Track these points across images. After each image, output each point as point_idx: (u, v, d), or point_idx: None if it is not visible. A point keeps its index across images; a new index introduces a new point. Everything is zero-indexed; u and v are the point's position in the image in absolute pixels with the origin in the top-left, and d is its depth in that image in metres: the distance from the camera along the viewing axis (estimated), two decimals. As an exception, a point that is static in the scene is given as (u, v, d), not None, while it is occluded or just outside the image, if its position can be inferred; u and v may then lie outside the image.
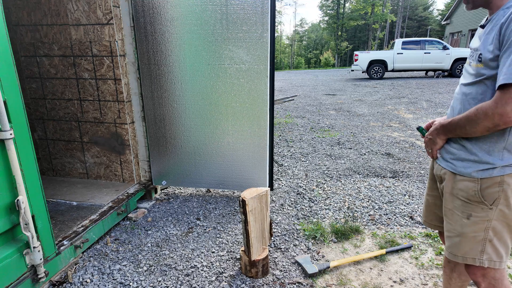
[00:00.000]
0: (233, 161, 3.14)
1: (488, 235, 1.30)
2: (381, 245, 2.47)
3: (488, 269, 1.35)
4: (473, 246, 1.33)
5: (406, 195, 3.37)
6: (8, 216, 1.79)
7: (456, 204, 1.36)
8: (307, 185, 3.69)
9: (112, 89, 3.02)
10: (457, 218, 1.37)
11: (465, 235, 1.34)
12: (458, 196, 1.34)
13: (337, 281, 2.11)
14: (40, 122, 3.29)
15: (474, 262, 1.34)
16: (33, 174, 1.90)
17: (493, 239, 1.30)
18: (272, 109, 3.01)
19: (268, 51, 2.81)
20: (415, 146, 5.07)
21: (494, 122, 1.13)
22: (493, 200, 1.26)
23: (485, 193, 1.27)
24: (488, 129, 1.17)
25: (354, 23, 42.77)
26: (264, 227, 2.18)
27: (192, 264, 2.29)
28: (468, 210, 1.32)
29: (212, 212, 3.07)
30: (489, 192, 1.26)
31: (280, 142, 5.53)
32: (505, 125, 1.12)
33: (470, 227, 1.32)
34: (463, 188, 1.32)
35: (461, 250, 1.37)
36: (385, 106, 8.59)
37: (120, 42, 2.90)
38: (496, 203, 1.26)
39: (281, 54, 50.57)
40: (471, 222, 1.32)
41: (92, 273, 2.22)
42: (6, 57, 1.72)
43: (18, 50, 3.08)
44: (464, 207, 1.33)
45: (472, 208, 1.30)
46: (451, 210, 1.40)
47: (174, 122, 3.11)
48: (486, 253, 1.31)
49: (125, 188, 3.14)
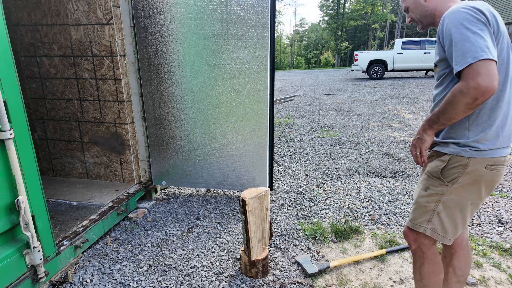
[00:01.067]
0: (233, 161, 3.14)
1: (438, 208, 1.44)
2: (381, 245, 2.47)
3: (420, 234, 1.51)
4: (423, 214, 1.49)
5: (406, 195, 3.36)
6: (8, 216, 1.79)
7: (422, 179, 1.53)
8: (307, 185, 3.69)
9: (112, 89, 3.02)
10: (418, 190, 1.55)
11: (419, 204, 1.50)
12: (425, 171, 1.51)
13: (337, 281, 2.11)
14: (40, 122, 3.29)
15: (419, 229, 1.50)
16: (33, 174, 1.90)
17: (441, 212, 1.44)
18: (272, 109, 3.01)
19: (268, 51, 2.81)
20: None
21: (471, 96, 1.20)
22: (452, 179, 1.39)
23: (448, 172, 1.40)
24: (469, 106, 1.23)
25: (354, 23, 42.78)
26: (264, 227, 2.18)
27: (192, 264, 2.29)
28: (428, 184, 1.48)
29: (212, 212, 3.07)
30: (452, 171, 1.39)
31: (280, 142, 5.53)
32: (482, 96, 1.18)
33: (425, 198, 1.48)
34: (432, 165, 1.47)
35: (412, 216, 1.54)
36: (385, 106, 8.59)
37: (120, 42, 2.90)
38: (454, 181, 1.39)
39: (281, 54, 50.57)
40: (427, 193, 1.48)
41: (92, 273, 2.22)
42: (6, 57, 1.72)
43: (18, 50, 3.08)
44: (426, 180, 1.49)
45: (432, 182, 1.46)
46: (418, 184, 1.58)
47: (174, 122, 3.11)
48: (432, 223, 1.46)
49: (125, 188, 3.14)
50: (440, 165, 1.42)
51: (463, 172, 1.37)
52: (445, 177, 1.41)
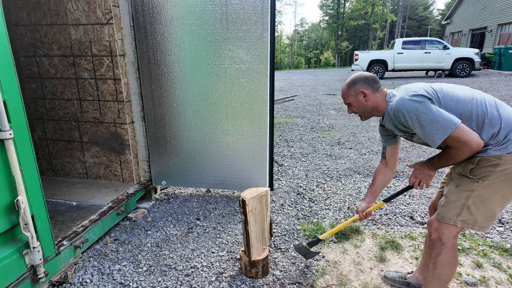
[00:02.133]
0: (233, 161, 3.14)
1: (468, 202, 1.53)
2: (381, 245, 2.47)
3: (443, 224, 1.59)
4: (453, 209, 1.56)
5: (406, 195, 3.36)
6: (8, 216, 1.79)
7: (454, 177, 1.62)
8: (307, 185, 3.68)
9: (111, 89, 3.01)
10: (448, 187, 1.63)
11: (449, 199, 1.59)
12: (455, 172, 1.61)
13: (337, 281, 2.11)
14: (40, 122, 3.29)
15: (450, 222, 1.57)
16: (32, 174, 1.89)
17: (471, 207, 1.53)
18: (272, 109, 3.00)
19: (268, 51, 2.81)
20: (415, 146, 5.07)
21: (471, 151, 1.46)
22: (483, 176, 1.48)
23: (479, 170, 1.49)
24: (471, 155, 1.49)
25: (354, 22, 42.73)
26: (264, 227, 2.17)
27: (192, 264, 2.29)
28: (459, 181, 1.57)
29: (212, 212, 3.06)
30: (482, 170, 1.48)
31: (280, 142, 5.53)
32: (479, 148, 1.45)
33: (455, 193, 1.57)
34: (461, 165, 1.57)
35: (442, 210, 1.61)
36: (385, 106, 8.57)
37: (119, 42, 2.90)
38: (485, 179, 1.48)
39: (281, 54, 50.54)
40: (457, 189, 1.56)
41: (91, 273, 2.21)
42: (6, 57, 1.71)
43: (18, 50, 3.07)
44: (458, 179, 1.58)
45: (463, 179, 1.55)
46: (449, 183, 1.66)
47: (174, 122, 3.10)
48: (462, 216, 1.55)
49: (124, 188, 3.14)
50: (469, 166, 1.51)
51: (495, 170, 1.45)
52: (475, 175, 1.50)
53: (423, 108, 1.47)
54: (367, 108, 1.73)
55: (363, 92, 1.69)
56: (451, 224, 1.57)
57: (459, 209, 1.54)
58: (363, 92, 1.69)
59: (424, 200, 3.23)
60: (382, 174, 1.98)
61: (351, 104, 1.76)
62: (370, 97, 1.70)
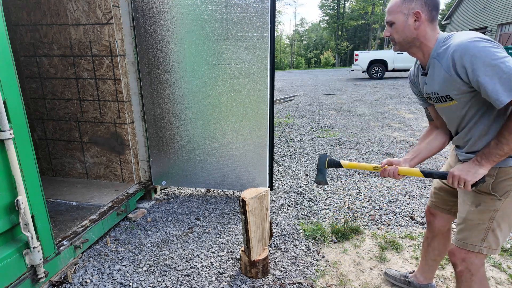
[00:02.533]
0: (233, 161, 3.14)
1: (492, 225, 1.34)
2: (381, 245, 2.47)
3: (470, 253, 1.39)
4: (476, 233, 1.37)
5: (407, 195, 3.36)
6: (8, 216, 1.79)
7: (469, 195, 1.41)
8: (307, 185, 3.68)
9: (111, 89, 3.01)
10: (465, 207, 1.41)
11: (470, 222, 1.38)
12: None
13: (337, 281, 2.11)
14: (40, 122, 3.29)
15: (474, 249, 1.38)
16: (32, 174, 1.89)
17: (495, 229, 1.34)
18: (272, 109, 3.00)
19: (268, 51, 2.81)
20: (415, 146, 5.06)
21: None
22: (504, 192, 1.31)
23: (499, 185, 1.31)
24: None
25: (354, 22, 42.77)
26: (264, 227, 2.17)
27: (192, 264, 2.29)
28: (479, 200, 1.36)
29: (212, 212, 3.06)
30: (503, 184, 1.30)
31: (280, 142, 5.53)
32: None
33: (476, 215, 1.37)
34: None
35: (463, 235, 1.41)
36: (385, 106, 8.58)
37: (119, 42, 2.90)
38: (506, 195, 1.30)
39: (281, 54, 50.56)
40: (478, 210, 1.36)
41: (91, 273, 2.21)
42: (6, 57, 1.71)
43: (18, 50, 3.07)
44: (474, 197, 1.38)
45: (483, 198, 1.35)
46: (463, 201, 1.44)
47: (174, 122, 3.10)
48: (487, 241, 1.36)
49: (124, 188, 3.14)
50: (489, 180, 1.32)
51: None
52: (496, 192, 1.32)
53: (498, 52, 1.15)
54: (410, 37, 1.37)
55: (418, 14, 1.33)
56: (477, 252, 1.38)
57: (483, 234, 1.35)
58: (418, 14, 1.33)
59: (424, 200, 3.23)
60: (431, 136, 1.64)
61: (395, 24, 1.39)
62: (422, 24, 1.34)
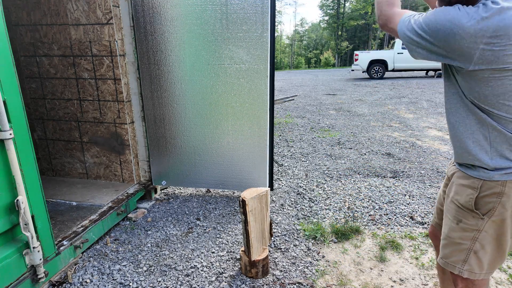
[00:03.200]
0: (233, 161, 3.14)
1: (475, 246, 1.23)
2: (382, 246, 2.47)
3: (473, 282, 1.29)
4: (457, 253, 1.28)
5: (407, 195, 3.36)
6: (8, 216, 1.79)
7: (450, 208, 1.32)
8: (307, 185, 3.68)
9: (111, 89, 3.01)
10: (447, 222, 1.33)
11: (451, 240, 1.30)
12: (453, 200, 1.30)
13: (337, 281, 2.11)
14: (40, 122, 3.29)
15: (454, 270, 1.30)
16: (32, 174, 1.89)
17: (478, 251, 1.23)
18: (272, 109, 3.00)
19: (268, 51, 2.81)
20: (415, 146, 5.07)
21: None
22: (487, 210, 1.19)
23: (481, 201, 1.19)
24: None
25: (354, 22, 42.77)
26: (264, 227, 2.17)
27: (192, 264, 2.29)
28: (460, 216, 1.26)
29: (212, 212, 3.06)
30: (485, 201, 1.18)
31: (280, 142, 5.53)
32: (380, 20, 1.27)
33: (457, 233, 1.27)
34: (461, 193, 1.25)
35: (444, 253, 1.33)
36: (385, 106, 8.58)
37: (119, 42, 2.90)
38: (490, 214, 1.18)
39: (281, 54, 50.56)
40: (459, 227, 1.26)
41: (91, 273, 2.21)
42: (6, 57, 1.71)
43: (18, 50, 3.07)
44: (456, 212, 1.27)
45: (464, 214, 1.24)
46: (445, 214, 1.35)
47: (174, 122, 3.10)
48: (468, 264, 1.26)
49: (124, 188, 3.14)
50: (473, 194, 1.20)
51: (499, 201, 1.16)
52: (479, 209, 1.20)
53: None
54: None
55: None
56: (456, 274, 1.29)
57: (465, 255, 1.25)
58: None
59: (424, 200, 3.23)
60: None
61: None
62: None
